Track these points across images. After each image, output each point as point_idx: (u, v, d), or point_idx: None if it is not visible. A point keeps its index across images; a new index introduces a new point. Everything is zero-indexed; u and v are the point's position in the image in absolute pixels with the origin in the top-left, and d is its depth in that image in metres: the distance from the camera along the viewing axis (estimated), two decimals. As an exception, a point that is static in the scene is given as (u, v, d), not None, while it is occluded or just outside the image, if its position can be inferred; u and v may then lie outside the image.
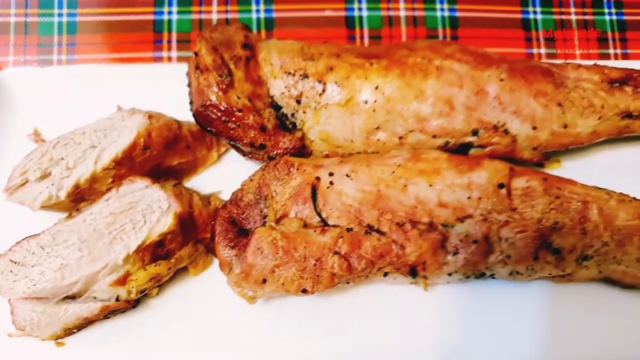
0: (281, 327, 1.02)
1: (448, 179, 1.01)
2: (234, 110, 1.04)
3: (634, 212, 1.02)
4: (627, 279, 1.05)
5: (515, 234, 0.99)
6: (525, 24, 1.38)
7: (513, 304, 1.07)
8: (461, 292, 1.08)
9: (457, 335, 1.04)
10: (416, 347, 1.02)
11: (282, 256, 0.92)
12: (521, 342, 1.04)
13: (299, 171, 0.99)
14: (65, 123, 1.11)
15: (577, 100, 1.12)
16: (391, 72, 1.07)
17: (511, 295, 1.08)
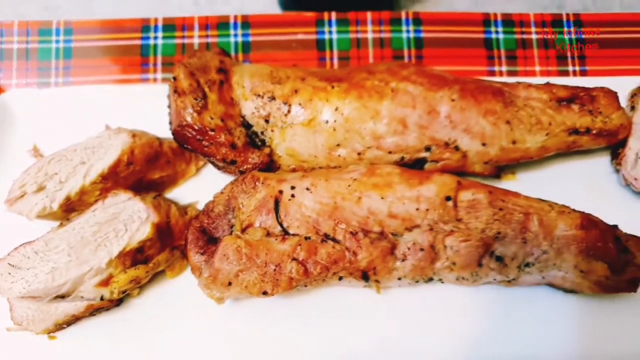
0: (250, 325, 1.13)
1: (399, 192, 1.11)
2: (207, 130, 1.16)
3: (572, 222, 1.11)
4: (567, 285, 1.14)
5: (460, 243, 1.09)
6: (488, 43, 1.47)
7: (464, 305, 1.16)
8: (418, 294, 1.17)
9: (411, 335, 1.13)
10: (374, 346, 1.12)
11: (245, 262, 1.03)
12: (470, 342, 1.13)
13: (263, 185, 1.10)
14: (62, 140, 1.23)
15: (526, 118, 1.21)
16: (350, 95, 1.18)
17: (462, 297, 1.17)
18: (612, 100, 1.26)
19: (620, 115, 1.26)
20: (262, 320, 1.14)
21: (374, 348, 1.11)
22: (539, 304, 1.17)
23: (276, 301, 1.14)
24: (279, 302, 1.15)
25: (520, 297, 1.17)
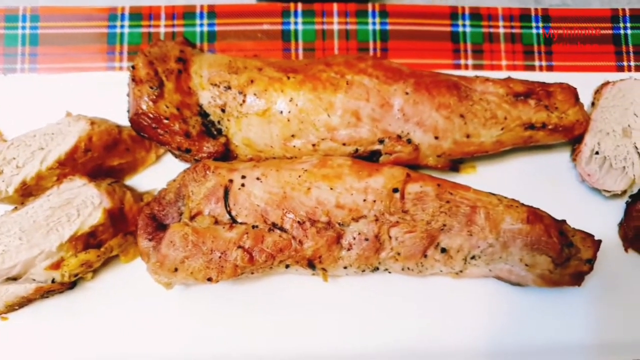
0: (202, 311, 1.15)
1: (348, 183, 1.12)
2: (162, 118, 1.18)
3: (518, 216, 1.12)
4: (513, 278, 1.15)
5: (404, 234, 1.10)
6: (454, 37, 1.47)
7: (411, 295, 1.18)
8: (366, 284, 1.19)
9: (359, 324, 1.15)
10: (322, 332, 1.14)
11: (191, 249, 1.06)
12: (415, 331, 1.14)
13: (214, 174, 1.12)
14: (26, 126, 1.25)
15: (480, 112, 1.22)
16: (304, 86, 1.19)
17: (409, 287, 1.18)
18: (569, 96, 1.26)
19: (577, 111, 1.26)
20: (214, 306, 1.16)
21: (321, 335, 1.13)
22: (486, 296, 1.18)
23: (229, 287, 1.17)
24: (232, 288, 1.17)
25: (468, 289, 1.18)
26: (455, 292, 1.18)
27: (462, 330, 1.13)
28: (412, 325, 1.13)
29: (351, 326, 1.14)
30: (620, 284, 1.21)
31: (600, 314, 1.17)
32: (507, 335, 1.13)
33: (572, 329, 1.15)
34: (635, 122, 1.31)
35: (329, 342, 1.11)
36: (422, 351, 1.09)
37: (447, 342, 1.11)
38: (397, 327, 1.13)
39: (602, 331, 1.14)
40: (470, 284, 1.19)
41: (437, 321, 1.14)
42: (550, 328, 1.14)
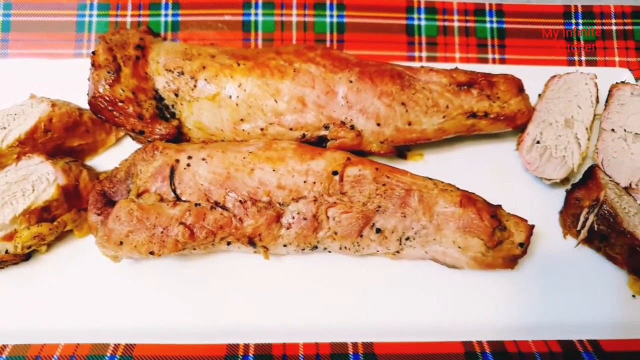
0: (150, 284, 1.20)
1: (290, 165, 1.18)
2: (117, 101, 1.24)
3: (452, 200, 1.17)
4: (448, 260, 1.20)
5: (341, 214, 1.15)
6: (409, 30, 1.52)
7: (351, 275, 1.22)
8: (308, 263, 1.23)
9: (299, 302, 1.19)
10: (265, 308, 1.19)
11: (135, 224, 1.11)
12: (354, 310, 1.18)
13: (162, 154, 1.18)
14: (-5, 108, 1.32)
15: (422, 100, 1.27)
16: (253, 72, 1.25)
17: (350, 268, 1.23)
18: (512, 86, 1.31)
19: (519, 101, 1.31)
20: (165, 280, 1.21)
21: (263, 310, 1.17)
22: (423, 277, 1.22)
23: (180, 262, 1.22)
24: (182, 264, 1.22)
25: (406, 270, 1.23)
26: (394, 272, 1.22)
27: (399, 309, 1.16)
28: (352, 303, 1.17)
29: (294, 303, 1.17)
30: (558, 269, 1.25)
31: (536, 297, 1.21)
32: (442, 314, 1.16)
33: (508, 310, 1.19)
34: (578, 113, 1.36)
35: (270, 317, 1.15)
36: (360, 328, 1.13)
37: (384, 319, 1.15)
38: (337, 305, 1.17)
39: (537, 313, 1.18)
40: (409, 265, 1.23)
41: (375, 300, 1.18)
42: (487, 309, 1.17)
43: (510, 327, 1.14)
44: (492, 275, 1.22)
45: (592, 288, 1.22)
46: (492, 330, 1.13)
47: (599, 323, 1.16)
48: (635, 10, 1.56)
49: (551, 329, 1.14)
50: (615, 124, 1.38)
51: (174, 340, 1.06)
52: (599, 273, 1.24)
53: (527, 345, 1.08)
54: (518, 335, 1.11)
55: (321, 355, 1.04)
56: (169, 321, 1.13)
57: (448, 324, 1.14)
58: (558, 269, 1.25)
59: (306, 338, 1.08)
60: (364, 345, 1.06)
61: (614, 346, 1.08)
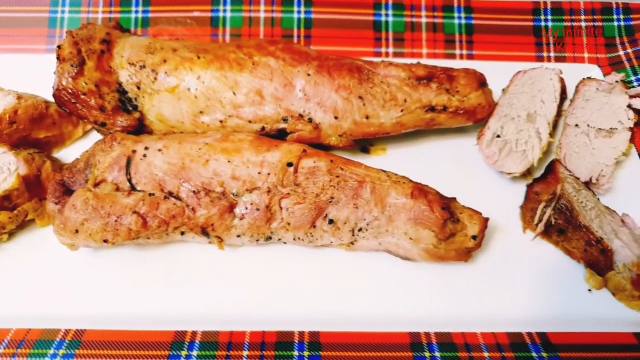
0: (110, 273, 1.22)
1: (245, 156, 1.19)
2: (79, 93, 1.26)
3: (403, 191, 1.17)
4: (401, 251, 1.20)
5: (294, 205, 1.16)
6: (377, 26, 1.53)
7: (308, 266, 1.22)
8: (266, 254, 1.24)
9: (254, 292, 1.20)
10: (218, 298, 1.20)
11: (90, 212, 1.13)
12: (309, 300, 1.19)
13: (119, 144, 1.20)
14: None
15: (379, 94, 1.28)
16: (212, 65, 1.27)
17: (306, 259, 1.24)
18: (472, 80, 1.31)
19: (479, 95, 1.31)
20: (122, 270, 1.22)
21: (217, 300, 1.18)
22: (377, 268, 1.22)
23: (140, 252, 1.24)
24: (142, 253, 1.24)
25: (361, 261, 1.23)
26: (348, 264, 1.22)
27: (349, 300, 1.17)
28: (303, 293, 1.18)
29: (245, 293, 1.18)
30: (515, 263, 1.24)
31: (491, 290, 1.20)
32: (393, 305, 1.16)
33: (462, 303, 1.18)
34: (541, 108, 1.36)
35: (220, 306, 1.16)
36: (309, 318, 1.14)
37: (334, 309, 1.15)
38: (288, 295, 1.17)
39: (491, 306, 1.18)
40: (364, 257, 1.23)
41: (326, 290, 1.18)
42: (440, 301, 1.17)
43: (462, 319, 1.14)
44: (448, 267, 1.23)
45: (549, 282, 1.22)
46: (443, 322, 1.13)
47: (553, 316, 1.16)
48: (605, 7, 1.55)
49: (504, 322, 1.13)
50: (579, 119, 1.38)
51: (123, 327, 1.08)
52: (557, 267, 1.24)
53: (474, 336, 1.08)
54: (469, 328, 1.10)
55: (266, 343, 1.05)
56: (122, 308, 1.15)
57: (398, 315, 1.15)
58: (516, 263, 1.24)
59: (254, 326, 1.09)
60: (310, 334, 1.07)
61: (562, 339, 1.07)
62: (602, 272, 1.19)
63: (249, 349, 1.04)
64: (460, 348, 1.05)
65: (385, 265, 1.23)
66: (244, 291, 1.17)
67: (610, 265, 1.18)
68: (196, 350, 1.04)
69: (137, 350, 1.03)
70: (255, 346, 1.04)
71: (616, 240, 1.18)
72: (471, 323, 1.13)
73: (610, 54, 1.53)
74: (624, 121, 1.35)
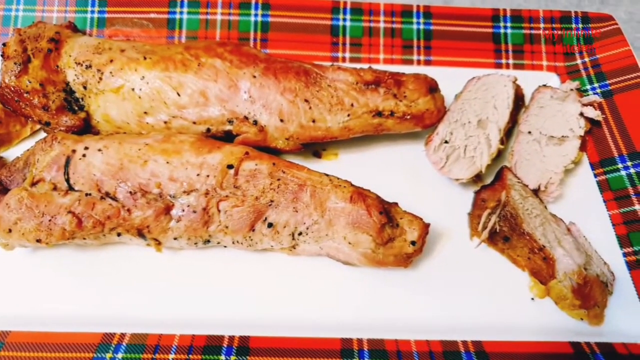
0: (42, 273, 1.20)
1: (185, 158, 1.18)
2: (22, 92, 1.25)
3: (343, 195, 1.16)
4: (341, 256, 1.18)
5: (232, 208, 1.15)
6: (334, 30, 1.52)
7: (250, 270, 1.21)
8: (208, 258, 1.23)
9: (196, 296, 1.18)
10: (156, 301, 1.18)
11: (24, 211, 1.12)
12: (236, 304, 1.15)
13: (60, 144, 1.19)
14: None
15: (326, 98, 1.27)
16: (157, 66, 1.26)
17: (249, 263, 1.22)
18: (421, 85, 1.30)
19: (427, 100, 1.30)
20: (57, 271, 1.20)
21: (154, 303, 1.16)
22: (317, 273, 1.20)
23: (76, 253, 1.22)
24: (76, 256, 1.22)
25: (303, 266, 1.21)
26: (288, 268, 1.21)
27: (283, 304, 1.15)
28: (236, 297, 1.16)
29: (179, 296, 1.16)
30: (460, 270, 1.23)
31: (432, 297, 1.19)
32: (327, 310, 1.15)
33: (402, 309, 1.17)
34: (493, 114, 1.34)
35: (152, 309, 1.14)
36: (240, 322, 1.12)
37: (266, 314, 1.14)
38: (221, 298, 1.16)
39: (431, 313, 1.16)
40: (305, 261, 1.22)
41: (261, 294, 1.16)
42: (378, 307, 1.16)
43: (397, 326, 1.12)
44: (391, 273, 1.21)
45: (493, 290, 1.20)
46: (377, 329, 1.11)
47: (493, 325, 1.14)
48: (564, 16, 1.54)
49: (441, 329, 1.11)
50: (533, 127, 1.37)
51: (51, 328, 1.06)
52: (501, 275, 1.23)
53: (407, 344, 1.06)
54: (404, 335, 1.08)
55: (194, 346, 1.03)
56: (52, 309, 1.13)
57: (332, 320, 1.13)
58: (460, 270, 1.23)
59: (186, 330, 1.07)
60: (240, 339, 1.05)
61: (498, 347, 1.05)
62: (545, 281, 1.17)
63: (175, 352, 1.02)
64: (392, 355, 1.04)
65: (326, 270, 1.22)
66: (178, 294, 1.16)
67: (552, 273, 1.16)
68: (122, 352, 1.02)
69: (62, 352, 1.01)
70: (182, 349, 1.03)
71: (559, 249, 1.16)
72: (406, 330, 1.11)
73: (568, 63, 1.52)
74: (575, 129, 1.34)
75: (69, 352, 1.01)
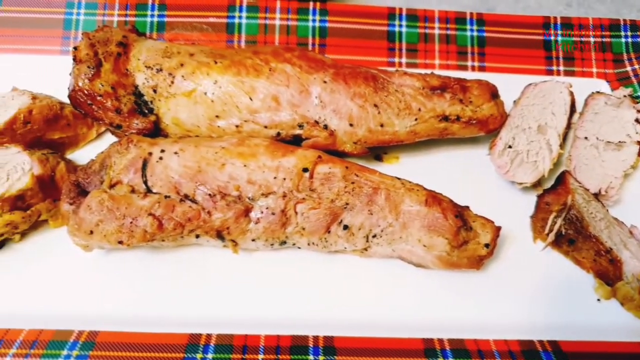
0: (120, 274, 1.21)
1: (261, 161, 1.20)
2: (96, 95, 1.27)
3: (418, 199, 1.18)
4: (414, 259, 1.21)
5: (309, 210, 1.17)
6: (390, 36, 1.55)
7: (321, 271, 1.23)
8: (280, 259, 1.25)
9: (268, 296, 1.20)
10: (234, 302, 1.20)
11: (105, 213, 1.13)
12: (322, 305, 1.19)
13: (136, 146, 1.21)
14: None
15: (394, 102, 1.29)
16: (229, 70, 1.28)
17: (320, 264, 1.24)
18: (485, 91, 1.33)
19: (491, 106, 1.33)
20: (135, 272, 1.22)
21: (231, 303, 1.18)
22: (390, 275, 1.23)
23: (154, 255, 1.24)
24: (157, 256, 1.24)
25: (374, 267, 1.24)
26: (361, 269, 1.23)
27: (362, 305, 1.17)
28: (316, 298, 1.18)
29: (259, 297, 1.18)
30: (525, 272, 1.26)
31: (502, 297, 1.21)
32: (405, 311, 1.17)
33: (473, 310, 1.19)
34: (552, 120, 1.38)
35: (234, 309, 1.16)
36: (322, 322, 1.14)
37: (347, 314, 1.16)
38: (302, 299, 1.18)
39: (501, 314, 1.19)
40: (376, 263, 1.24)
41: (340, 295, 1.19)
42: (451, 308, 1.18)
43: (474, 326, 1.15)
44: (458, 275, 1.23)
45: (559, 291, 1.23)
46: (455, 329, 1.14)
47: (563, 325, 1.17)
48: (612, 23, 1.58)
49: (516, 329, 1.14)
50: (589, 132, 1.40)
51: (137, 328, 1.08)
52: (566, 277, 1.25)
53: (487, 343, 1.08)
54: (482, 335, 1.11)
55: (281, 346, 1.05)
56: (135, 310, 1.15)
57: (410, 320, 1.15)
58: (526, 272, 1.26)
59: (268, 330, 1.09)
60: (325, 339, 1.07)
61: (573, 347, 1.08)
62: (611, 282, 1.20)
63: (264, 353, 1.04)
64: (474, 354, 1.06)
65: (396, 271, 1.24)
66: (258, 295, 1.18)
67: (619, 275, 1.19)
68: (211, 353, 1.03)
69: (152, 352, 1.03)
70: (270, 349, 1.04)
71: (625, 251, 1.19)
72: (483, 330, 1.13)
73: (617, 70, 1.56)
74: (632, 135, 1.38)
75: (159, 352, 1.03)
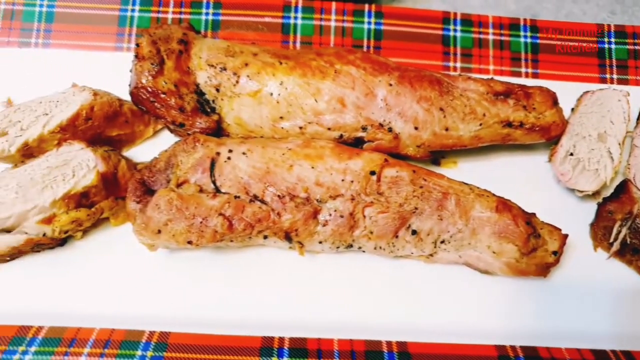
0: (185, 276, 1.20)
1: (328, 163, 1.19)
2: (159, 92, 1.25)
3: (488, 205, 1.18)
4: (482, 265, 1.20)
5: (378, 214, 1.16)
6: (445, 40, 1.54)
7: (386, 276, 1.22)
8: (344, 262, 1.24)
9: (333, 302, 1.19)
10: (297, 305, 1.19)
11: (174, 213, 1.12)
12: (386, 311, 1.18)
13: (203, 146, 1.19)
14: (35, 95, 1.33)
15: (460, 107, 1.29)
16: (295, 72, 1.27)
17: (385, 269, 1.23)
18: (547, 98, 1.33)
19: (554, 113, 1.32)
20: (199, 272, 1.21)
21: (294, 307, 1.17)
22: (456, 280, 1.22)
23: (214, 255, 1.23)
24: (216, 256, 1.23)
25: (439, 273, 1.23)
26: (427, 275, 1.22)
27: (433, 310, 1.17)
28: (386, 303, 1.18)
29: (328, 300, 1.17)
30: (589, 280, 1.25)
31: (567, 305, 1.21)
32: (475, 317, 1.17)
33: (540, 317, 1.19)
34: (611, 128, 1.37)
35: (304, 312, 1.15)
36: (393, 327, 1.13)
37: (418, 320, 1.15)
38: (371, 304, 1.17)
39: (567, 322, 1.18)
40: (442, 269, 1.23)
41: (409, 300, 1.18)
42: (518, 315, 1.18)
43: (544, 334, 1.15)
44: (522, 283, 1.23)
45: (624, 300, 1.23)
46: (523, 336, 1.13)
47: (633, 335, 1.16)
48: (665, 32, 1.58)
49: (585, 338, 1.14)
50: (647, 141, 1.40)
51: (208, 330, 1.06)
52: (631, 286, 1.25)
53: (559, 352, 1.08)
54: (553, 343, 1.10)
55: (356, 351, 1.04)
56: (203, 311, 1.14)
57: (481, 327, 1.15)
58: (589, 280, 1.25)
59: (340, 334, 1.08)
60: (398, 344, 1.06)
61: (648, 358, 1.07)
62: (678, 293, 1.20)
63: (339, 357, 1.02)
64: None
65: (462, 277, 1.23)
66: (328, 298, 1.17)
67: (687, 286, 1.19)
68: (286, 356, 1.02)
69: (226, 355, 1.02)
70: (345, 354, 1.03)
71: (693, 262, 1.19)
72: (554, 338, 1.13)
73: (671, 79, 1.56)
74: (692, 144, 1.37)
75: (233, 355, 1.02)
